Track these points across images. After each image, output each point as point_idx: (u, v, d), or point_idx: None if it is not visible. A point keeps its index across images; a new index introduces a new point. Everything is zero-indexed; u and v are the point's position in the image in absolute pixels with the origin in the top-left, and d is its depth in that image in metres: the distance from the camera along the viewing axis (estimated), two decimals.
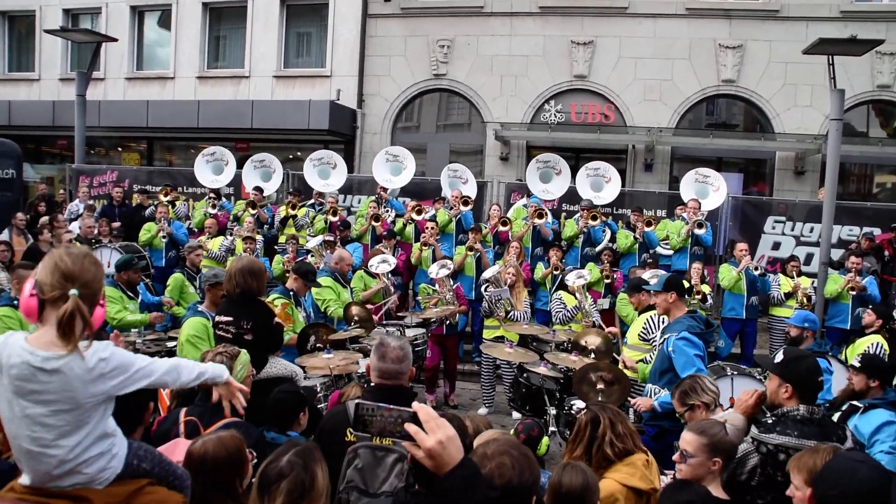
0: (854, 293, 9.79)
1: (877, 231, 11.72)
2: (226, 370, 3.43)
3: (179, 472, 2.99)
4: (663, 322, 6.04)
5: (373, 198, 12.23)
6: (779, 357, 3.70)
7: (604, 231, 11.29)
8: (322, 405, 5.74)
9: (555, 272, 9.91)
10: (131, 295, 7.91)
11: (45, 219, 11.61)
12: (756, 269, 10.22)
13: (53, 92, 19.19)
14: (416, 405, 1.88)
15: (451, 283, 9.06)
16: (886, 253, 11.29)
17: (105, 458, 2.69)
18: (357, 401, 1.97)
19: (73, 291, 2.55)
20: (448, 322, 8.96)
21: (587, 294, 8.91)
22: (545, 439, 4.86)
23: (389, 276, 9.36)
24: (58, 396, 2.52)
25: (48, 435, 2.53)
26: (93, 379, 2.56)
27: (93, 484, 2.67)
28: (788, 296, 10.21)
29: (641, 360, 6.21)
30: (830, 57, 10.73)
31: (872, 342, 7.57)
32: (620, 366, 6.40)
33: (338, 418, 3.46)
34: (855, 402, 4.68)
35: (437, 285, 8.95)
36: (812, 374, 3.58)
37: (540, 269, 10.33)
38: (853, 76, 14.36)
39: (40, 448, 2.54)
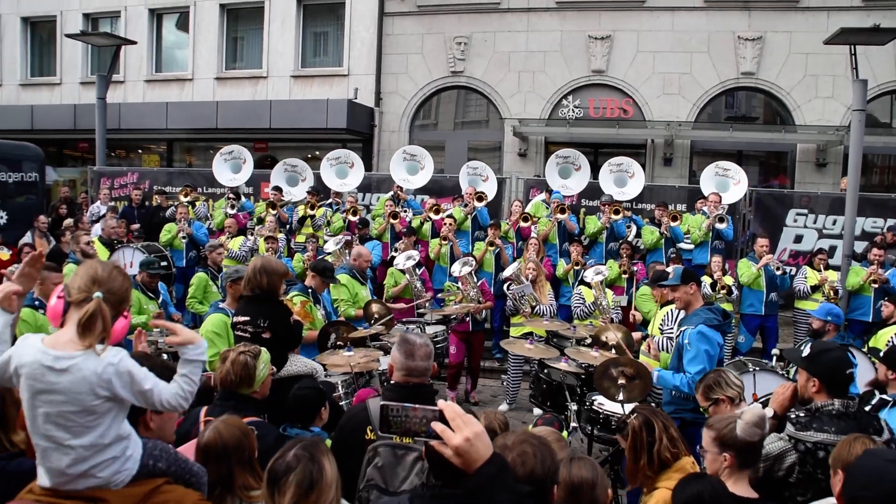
0: (876, 286, 9.67)
1: None
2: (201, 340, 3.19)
3: (196, 470, 3.01)
4: (680, 315, 6.00)
5: (388, 195, 12.23)
6: (806, 351, 3.66)
7: (628, 226, 11.23)
8: (344, 402, 5.75)
9: (576, 267, 9.88)
10: (151, 295, 7.97)
11: (68, 221, 11.75)
12: (777, 268, 10.11)
13: (74, 95, 19.42)
14: (441, 403, 1.87)
15: (476, 279, 9.07)
16: None
17: (119, 461, 2.72)
18: (382, 402, 1.97)
19: (97, 294, 2.63)
20: (473, 318, 8.95)
21: (606, 290, 8.85)
22: (564, 433, 4.84)
23: (416, 269, 9.37)
24: (66, 397, 2.57)
25: (60, 434, 2.59)
26: (100, 383, 2.60)
27: (108, 486, 2.71)
28: (815, 289, 10.11)
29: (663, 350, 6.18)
30: (852, 47, 10.60)
31: (895, 333, 7.48)
32: (644, 349, 6.37)
33: (358, 417, 3.45)
34: (885, 396, 4.62)
35: (460, 283, 8.95)
36: (839, 367, 3.53)
37: (561, 266, 10.31)
38: (875, 66, 14.17)
39: (54, 446, 2.60)
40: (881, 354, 4.83)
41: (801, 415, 3.55)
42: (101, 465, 2.66)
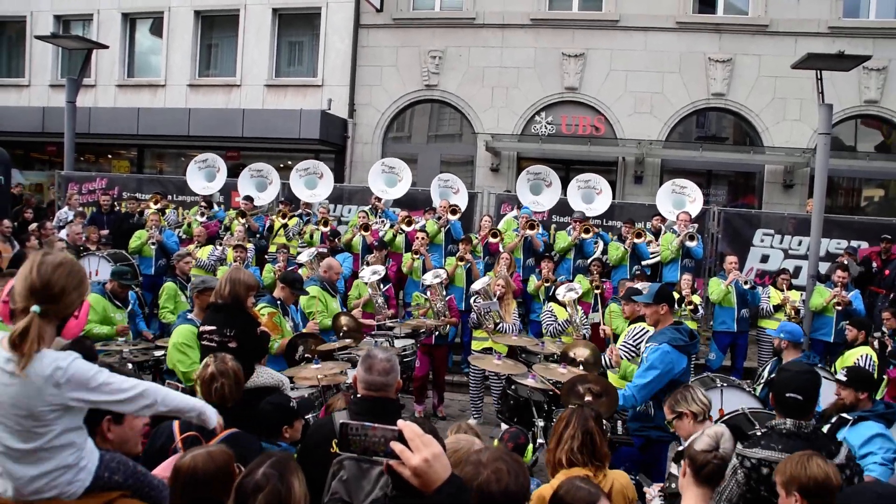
0: (840, 308, 9.84)
1: (864, 245, 11.80)
2: (216, 414, 3.32)
3: (156, 483, 2.94)
4: (645, 332, 6.06)
5: (364, 208, 12.21)
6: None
7: (596, 243, 11.34)
8: (312, 415, 5.72)
9: (546, 284, 9.92)
10: (118, 304, 7.86)
11: (33, 226, 11.57)
12: (745, 282, 10.28)
13: (43, 98, 19.10)
14: (400, 423, 1.87)
15: (445, 293, 9.07)
16: (875, 264, 11.38)
17: (73, 470, 2.66)
18: (342, 420, 1.96)
19: (34, 308, 2.53)
20: (438, 333, 8.95)
21: (578, 307, 8.91)
22: (530, 447, 4.86)
23: (381, 285, 9.35)
24: (14, 400, 2.50)
25: (10, 439, 2.53)
26: (47, 386, 2.52)
27: (62, 497, 2.65)
28: (777, 308, 10.26)
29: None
30: (818, 72, 10.84)
31: (861, 354, 7.62)
32: (608, 355, 6.42)
33: (323, 430, 3.44)
34: (844, 415, 4.69)
35: (429, 293, 8.95)
36: (781, 388, 3.62)
37: (532, 282, 10.34)
38: (841, 91, 14.47)
39: (3, 449, 2.54)
40: (843, 379, 4.88)
41: (756, 432, 3.62)
42: (54, 472, 2.60)
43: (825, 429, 4.63)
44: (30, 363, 2.49)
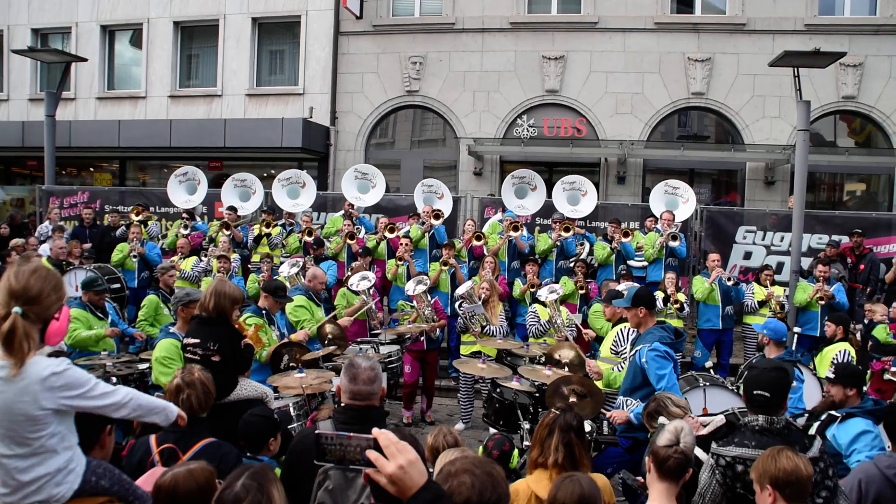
0: (823, 302, 9.91)
1: (845, 239, 11.89)
2: (174, 408, 3.48)
3: (140, 493, 2.99)
4: (632, 333, 6.08)
5: (339, 214, 12.18)
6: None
7: (581, 244, 11.37)
8: (297, 424, 5.71)
9: (531, 289, 9.93)
10: (101, 316, 7.82)
11: (15, 241, 11.48)
12: (729, 279, 10.36)
13: (23, 112, 18.98)
14: (375, 431, 1.87)
15: (429, 298, 9.07)
16: (849, 260, 11.50)
17: (62, 473, 2.73)
18: (316, 431, 1.97)
19: (15, 309, 2.63)
20: (428, 337, 8.95)
21: (561, 308, 8.93)
22: (515, 452, 4.87)
23: (372, 291, 9.31)
24: (9, 405, 2.58)
25: (2, 446, 2.60)
26: (42, 390, 2.61)
27: (50, 501, 2.71)
28: (762, 304, 10.36)
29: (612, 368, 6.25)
30: (796, 69, 10.94)
31: (840, 350, 7.68)
32: (588, 369, 6.44)
33: (308, 440, 3.43)
34: (833, 412, 4.72)
35: (414, 301, 8.94)
36: (748, 385, 3.68)
37: (518, 286, 10.36)
38: (819, 87, 14.63)
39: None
40: (832, 376, 4.91)
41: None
42: (43, 477, 2.67)
43: (814, 426, 4.66)
44: (24, 366, 2.59)
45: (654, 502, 3.28)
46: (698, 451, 3.66)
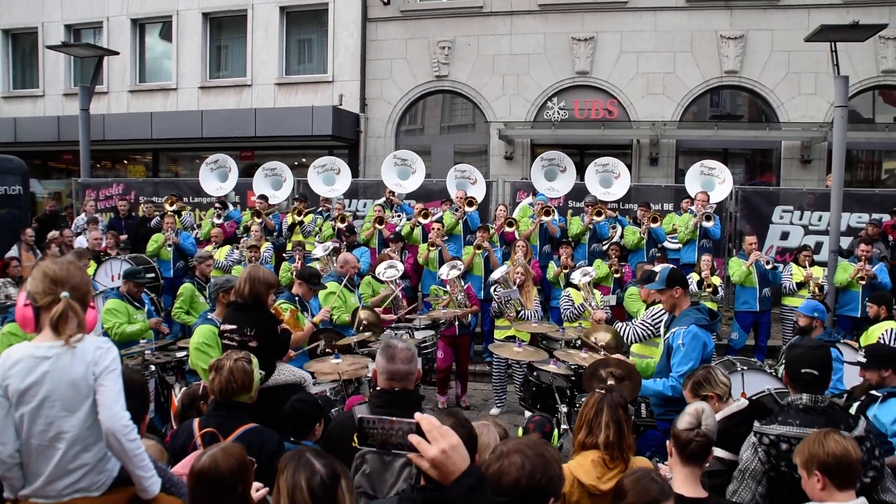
0: (864, 282, 9.71)
1: (886, 217, 11.64)
2: (157, 488, 2.99)
3: (176, 480, 3.03)
4: (663, 312, 6.01)
5: (380, 202, 12.19)
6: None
7: (613, 227, 11.26)
8: (334, 410, 5.73)
9: (565, 271, 9.87)
10: (138, 305, 7.91)
11: (52, 233, 11.67)
12: (767, 262, 10.19)
13: (58, 107, 19.30)
14: (417, 415, 1.86)
15: (462, 283, 9.04)
16: (891, 238, 11.24)
17: (103, 461, 2.80)
18: (360, 415, 1.96)
19: (64, 294, 2.79)
20: (460, 322, 8.93)
21: (594, 291, 8.85)
22: (556, 433, 4.84)
23: (398, 281, 9.26)
24: (54, 385, 2.68)
25: (54, 415, 2.69)
26: (89, 362, 2.74)
27: (91, 489, 2.77)
28: (800, 285, 10.17)
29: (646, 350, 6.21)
30: (833, 44, 10.67)
31: (887, 328, 7.51)
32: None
33: (345, 424, 3.45)
34: (873, 392, 4.63)
35: (447, 286, 8.92)
36: (794, 364, 3.60)
37: (552, 269, 10.31)
38: (857, 62, 14.27)
39: (46, 443, 2.69)
40: (863, 361, 4.79)
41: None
42: (89, 465, 2.75)
43: (854, 407, 4.57)
44: (81, 342, 2.75)
45: (678, 487, 3.18)
46: (719, 451, 3.60)
